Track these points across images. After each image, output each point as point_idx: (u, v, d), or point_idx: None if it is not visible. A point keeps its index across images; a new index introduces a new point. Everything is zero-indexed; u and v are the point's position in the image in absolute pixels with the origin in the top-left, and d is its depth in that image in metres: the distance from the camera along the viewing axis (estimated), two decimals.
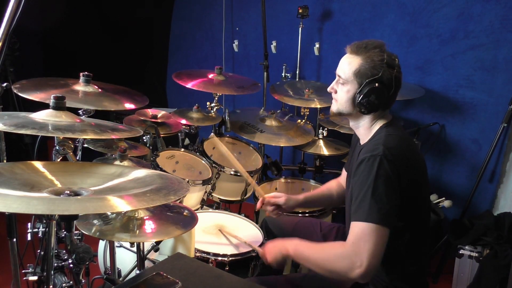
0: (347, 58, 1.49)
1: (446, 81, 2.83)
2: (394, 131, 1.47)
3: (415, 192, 1.42)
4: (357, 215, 1.33)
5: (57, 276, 1.47)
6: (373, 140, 1.46)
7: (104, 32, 3.91)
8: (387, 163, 1.33)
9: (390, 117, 1.53)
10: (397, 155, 1.36)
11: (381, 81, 1.43)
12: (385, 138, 1.41)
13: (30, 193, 0.97)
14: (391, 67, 1.44)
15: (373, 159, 1.35)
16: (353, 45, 1.48)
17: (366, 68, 1.43)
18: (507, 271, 2.13)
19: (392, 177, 1.33)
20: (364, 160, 1.37)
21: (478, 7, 2.65)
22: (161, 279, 1.22)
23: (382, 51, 1.45)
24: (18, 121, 1.13)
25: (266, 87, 3.12)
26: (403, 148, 1.42)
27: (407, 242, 1.44)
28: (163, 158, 2.31)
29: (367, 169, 1.35)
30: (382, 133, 1.46)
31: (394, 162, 1.34)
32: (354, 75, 1.45)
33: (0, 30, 1.12)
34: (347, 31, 3.14)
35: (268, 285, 1.46)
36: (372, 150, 1.38)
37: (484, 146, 2.74)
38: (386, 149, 1.36)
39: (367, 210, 1.31)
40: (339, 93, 1.52)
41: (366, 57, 1.44)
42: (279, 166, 2.69)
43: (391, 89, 1.45)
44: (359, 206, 1.34)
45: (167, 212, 1.53)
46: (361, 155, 1.41)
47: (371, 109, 1.46)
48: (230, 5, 3.69)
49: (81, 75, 1.72)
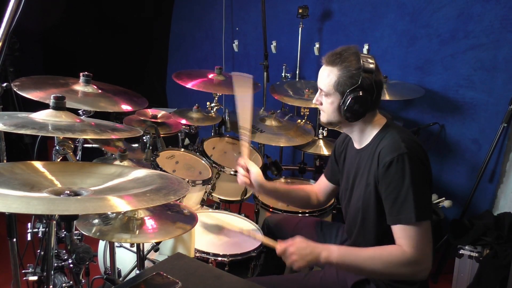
0: (325, 71, 1.49)
1: (446, 81, 2.83)
2: (400, 129, 1.49)
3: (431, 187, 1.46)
4: (403, 217, 1.35)
5: (57, 276, 1.47)
6: (385, 141, 1.45)
7: (104, 32, 3.91)
8: (416, 158, 1.37)
9: (385, 119, 1.54)
10: (419, 149, 1.41)
11: (362, 88, 1.43)
12: (400, 136, 1.43)
13: (30, 193, 0.97)
14: (368, 72, 1.44)
15: (402, 158, 1.36)
16: (328, 56, 1.49)
17: (344, 79, 1.44)
18: (507, 271, 2.13)
19: (424, 171, 1.38)
20: (393, 161, 1.37)
21: (478, 7, 2.65)
22: (161, 279, 1.22)
23: (357, 58, 1.45)
24: (18, 121, 1.13)
25: (266, 87, 3.12)
26: (418, 142, 1.45)
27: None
28: (163, 158, 2.31)
29: (400, 169, 1.36)
30: (390, 132, 1.47)
31: (420, 156, 1.38)
32: (334, 88, 1.46)
33: (0, 30, 1.12)
34: (347, 31, 3.14)
35: (268, 285, 1.46)
36: (395, 150, 1.38)
37: (484, 146, 2.74)
38: (408, 145, 1.39)
39: (416, 210, 1.33)
40: (324, 105, 1.53)
41: (343, 67, 1.44)
42: (279, 166, 2.69)
43: (373, 93, 1.46)
44: (403, 208, 1.35)
45: (167, 212, 1.53)
46: (384, 157, 1.39)
47: (358, 117, 1.47)
48: (230, 5, 3.69)
49: (81, 75, 1.72)
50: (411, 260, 1.33)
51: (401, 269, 1.35)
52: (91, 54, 3.71)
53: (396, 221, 1.36)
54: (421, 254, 1.33)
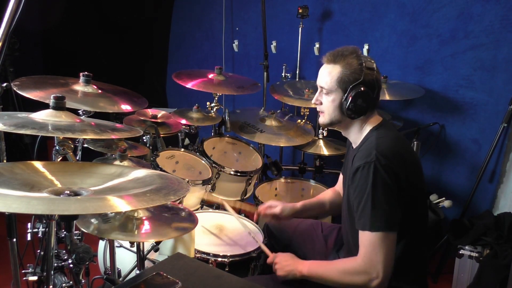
0: (326, 68, 1.50)
1: (446, 81, 2.83)
2: (385, 133, 1.47)
3: (413, 191, 1.43)
4: (361, 224, 1.36)
5: (57, 276, 1.46)
6: (364, 145, 1.46)
7: (104, 32, 3.91)
8: (382, 168, 1.34)
9: (380, 119, 1.54)
10: (391, 157, 1.37)
11: (365, 84, 1.44)
12: (376, 142, 1.42)
13: (30, 193, 0.97)
14: (370, 69, 1.45)
15: (368, 166, 1.36)
16: (328, 54, 1.50)
17: (347, 75, 1.45)
18: (507, 271, 2.13)
19: (389, 182, 1.34)
20: (359, 168, 1.38)
21: (478, 7, 2.65)
22: (161, 279, 1.22)
23: (358, 56, 1.46)
24: (18, 121, 1.13)
25: (266, 87, 3.12)
26: (397, 147, 1.43)
27: (407, 243, 1.44)
28: (163, 158, 2.31)
29: (363, 177, 1.36)
30: (372, 136, 1.47)
31: (389, 164, 1.35)
32: (337, 84, 1.46)
33: (0, 30, 1.12)
34: (347, 31, 3.14)
35: (268, 285, 1.47)
36: (365, 157, 1.38)
37: (484, 146, 2.74)
38: (379, 153, 1.37)
39: (371, 219, 1.33)
40: (325, 104, 1.53)
41: (345, 64, 1.45)
42: (279, 166, 2.69)
43: (375, 90, 1.47)
44: (361, 215, 1.36)
45: (167, 212, 1.53)
46: (356, 162, 1.42)
47: (360, 113, 1.47)
48: (230, 5, 3.69)
49: (81, 75, 1.72)
50: (359, 269, 1.35)
51: (352, 277, 1.37)
52: (91, 54, 3.71)
53: (356, 226, 1.39)
54: (368, 263, 1.33)
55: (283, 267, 1.53)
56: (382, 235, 1.32)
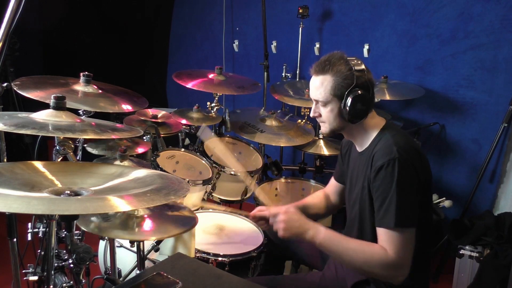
0: (317, 80, 1.49)
1: (446, 81, 2.83)
2: (396, 131, 1.48)
3: (425, 187, 1.44)
4: (386, 221, 1.36)
5: (57, 276, 1.46)
6: (380, 144, 1.45)
7: (105, 32, 3.92)
8: (405, 163, 1.35)
9: (384, 120, 1.54)
10: (411, 153, 1.39)
11: (359, 87, 1.44)
12: (393, 140, 1.42)
13: (30, 193, 0.97)
14: (360, 71, 1.45)
15: (392, 163, 1.36)
16: (315, 66, 1.49)
17: (340, 82, 1.44)
18: (507, 271, 2.13)
19: (413, 176, 1.36)
20: (383, 166, 1.37)
21: (478, 7, 2.65)
22: (161, 279, 1.22)
23: (345, 60, 1.46)
24: (18, 121, 1.13)
25: (266, 87, 3.12)
26: (413, 145, 1.44)
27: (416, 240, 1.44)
28: (163, 158, 2.31)
29: (388, 174, 1.36)
30: (385, 135, 1.46)
31: (411, 160, 1.37)
32: (332, 93, 1.46)
33: (0, 30, 1.12)
34: (347, 31, 3.14)
35: (268, 285, 1.46)
36: (387, 154, 1.38)
37: (485, 146, 2.74)
38: (400, 149, 1.38)
39: (400, 216, 1.33)
40: (324, 115, 1.52)
41: (335, 71, 1.45)
42: (279, 166, 2.69)
43: (370, 90, 1.47)
44: (386, 212, 1.36)
45: (167, 212, 1.53)
46: (376, 161, 1.40)
47: (361, 116, 1.47)
48: (230, 5, 3.69)
49: (81, 75, 1.72)
50: (392, 263, 1.34)
51: (379, 269, 1.36)
52: (91, 54, 3.71)
53: (379, 224, 1.38)
54: (402, 259, 1.34)
55: (290, 227, 1.46)
56: (409, 231, 1.35)
